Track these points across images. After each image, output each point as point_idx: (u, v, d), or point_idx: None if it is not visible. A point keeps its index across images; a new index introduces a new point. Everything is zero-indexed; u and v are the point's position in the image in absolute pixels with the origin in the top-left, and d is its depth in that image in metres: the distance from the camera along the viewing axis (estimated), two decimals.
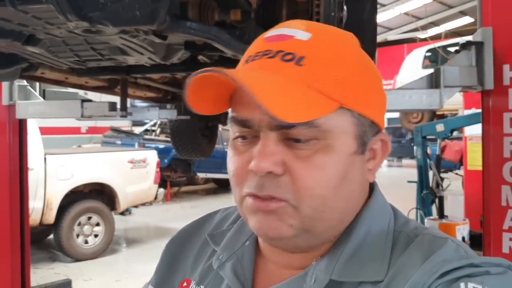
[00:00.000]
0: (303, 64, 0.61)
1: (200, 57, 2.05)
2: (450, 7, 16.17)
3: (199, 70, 0.60)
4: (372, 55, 1.83)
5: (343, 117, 0.63)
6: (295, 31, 0.64)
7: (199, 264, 0.79)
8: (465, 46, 2.23)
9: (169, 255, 0.85)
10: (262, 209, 0.62)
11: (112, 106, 2.73)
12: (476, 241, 3.69)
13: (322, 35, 0.65)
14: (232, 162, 0.66)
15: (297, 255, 0.68)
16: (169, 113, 3.34)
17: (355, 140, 0.64)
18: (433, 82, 2.20)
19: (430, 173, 4.83)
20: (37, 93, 3.11)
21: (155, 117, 3.44)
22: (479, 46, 2.19)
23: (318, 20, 1.46)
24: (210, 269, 0.76)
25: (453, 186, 5.61)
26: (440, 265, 0.58)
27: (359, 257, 0.65)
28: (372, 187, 0.72)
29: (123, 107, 2.71)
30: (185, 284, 0.78)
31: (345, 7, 1.52)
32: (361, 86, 0.65)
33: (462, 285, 0.55)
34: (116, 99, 2.82)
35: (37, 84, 3.17)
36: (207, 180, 12.82)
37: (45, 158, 5.98)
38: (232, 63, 2.02)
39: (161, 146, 10.04)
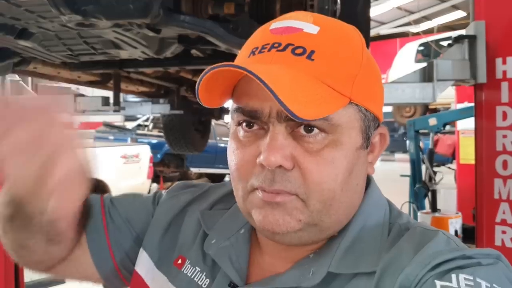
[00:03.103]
0: (314, 58, 0.61)
1: (193, 51, 2.04)
2: (443, 1, 16.20)
3: (212, 66, 0.59)
4: None
5: (352, 112, 0.63)
6: (303, 24, 0.63)
7: (193, 241, 0.78)
8: (458, 39, 2.24)
9: (170, 218, 0.82)
10: (272, 201, 0.62)
11: (105, 100, 2.73)
12: (468, 234, 3.72)
13: (330, 29, 0.64)
14: (235, 155, 0.65)
15: (294, 248, 0.68)
16: (162, 108, 3.33)
17: (361, 134, 0.65)
18: (426, 75, 2.20)
19: (423, 167, 4.85)
20: (29, 88, 3.09)
21: (148, 111, 3.43)
22: (472, 39, 2.20)
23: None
24: (204, 252, 0.75)
25: (446, 179, 5.63)
26: (432, 257, 0.58)
27: (356, 249, 0.65)
28: (368, 180, 0.72)
29: (116, 101, 2.70)
30: (179, 261, 0.77)
31: (338, 0, 1.52)
32: (367, 82, 0.65)
33: (453, 276, 0.55)
34: (109, 93, 2.81)
35: (29, 78, 3.15)
36: (200, 175, 12.80)
37: None
38: (225, 56, 2.01)
39: (154, 141, 9.99)
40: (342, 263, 0.64)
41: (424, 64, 2.26)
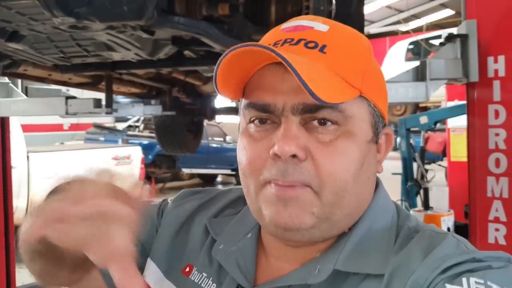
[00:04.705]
0: (326, 51, 0.63)
1: (187, 52, 2.03)
2: None
3: (234, 47, 0.60)
4: None
5: (362, 105, 0.65)
6: (313, 23, 0.66)
7: (201, 249, 0.78)
8: (450, 38, 2.24)
9: (177, 227, 0.82)
10: (285, 195, 0.62)
11: (97, 102, 2.70)
12: (460, 231, 3.74)
13: (338, 28, 0.68)
14: (247, 150, 0.65)
15: (300, 250, 0.68)
16: (154, 109, 3.31)
17: (371, 128, 0.66)
18: (419, 75, 2.21)
19: (414, 165, 4.87)
20: (19, 91, 3.05)
21: (140, 113, 3.41)
22: (463, 38, 2.20)
23: (307, 14, 1.46)
24: (211, 257, 0.75)
25: (437, 177, 5.66)
26: (442, 260, 0.58)
27: (363, 249, 0.65)
28: (377, 182, 0.72)
29: (109, 103, 2.68)
30: (187, 269, 0.77)
31: (333, 1, 1.52)
32: (375, 79, 0.67)
33: (464, 280, 0.55)
34: (100, 95, 2.78)
35: (19, 81, 3.11)
36: (192, 176, 12.77)
37: (28, 156, 5.89)
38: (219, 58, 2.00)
39: (145, 142, 9.96)
40: (348, 261, 0.64)
41: (415, 63, 2.27)
